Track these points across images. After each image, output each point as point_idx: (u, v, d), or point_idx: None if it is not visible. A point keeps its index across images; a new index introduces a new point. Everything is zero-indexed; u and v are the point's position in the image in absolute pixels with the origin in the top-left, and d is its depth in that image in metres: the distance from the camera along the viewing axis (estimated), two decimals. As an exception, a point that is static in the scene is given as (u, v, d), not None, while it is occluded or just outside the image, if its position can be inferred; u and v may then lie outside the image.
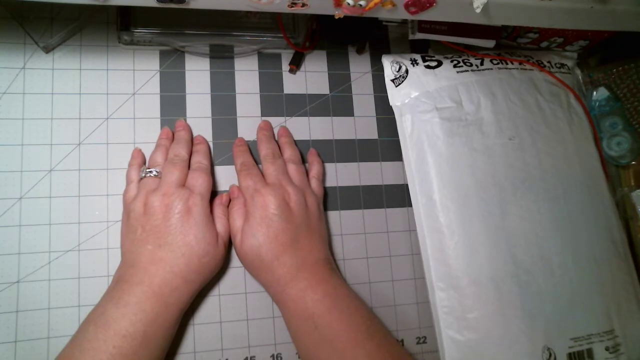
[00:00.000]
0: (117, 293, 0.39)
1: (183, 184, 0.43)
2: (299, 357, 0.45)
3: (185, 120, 0.48)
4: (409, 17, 0.37)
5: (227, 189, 0.47)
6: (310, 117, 0.51)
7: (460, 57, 0.52)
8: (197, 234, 0.41)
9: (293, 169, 0.46)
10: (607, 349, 0.46)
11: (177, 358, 0.43)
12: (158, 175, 0.43)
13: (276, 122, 0.51)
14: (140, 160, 0.46)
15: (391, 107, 0.50)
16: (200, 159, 0.45)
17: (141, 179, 0.43)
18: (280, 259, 0.42)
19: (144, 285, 0.39)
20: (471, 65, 0.51)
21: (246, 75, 0.51)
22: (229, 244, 0.45)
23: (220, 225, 0.43)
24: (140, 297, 0.38)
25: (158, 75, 0.49)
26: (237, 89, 0.50)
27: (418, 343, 0.48)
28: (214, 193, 0.46)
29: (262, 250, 0.41)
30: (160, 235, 0.40)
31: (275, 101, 0.51)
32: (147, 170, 0.43)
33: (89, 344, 0.36)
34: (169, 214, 0.40)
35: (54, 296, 0.42)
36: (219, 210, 0.45)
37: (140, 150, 0.46)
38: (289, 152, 0.47)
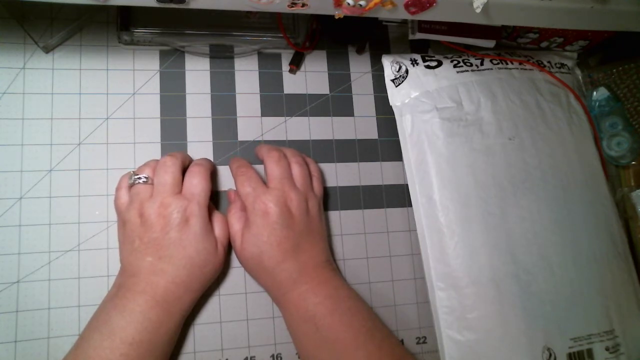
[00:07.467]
0: (120, 301, 0.38)
1: (178, 190, 0.41)
2: (299, 358, 0.45)
3: None
4: (409, 17, 0.37)
5: (226, 189, 0.47)
6: (310, 117, 0.51)
7: (460, 57, 0.52)
8: (197, 245, 0.40)
9: (298, 171, 0.45)
10: (607, 349, 0.46)
11: (177, 358, 0.43)
12: (148, 182, 0.41)
13: (276, 122, 0.50)
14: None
15: (391, 107, 0.50)
16: (200, 162, 0.44)
17: (130, 185, 0.42)
18: (281, 266, 0.41)
19: (147, 294, 0.38)
20: (471, 65, 0.51)
21: (246, 75, 0.51)
22: (229, 246, 0.45)
23: (218, 230, 0.43)
24: (144, 306, 0.38)
25: (158, 75, 0.49)
26: (237, 89, 0.50)
27: (418, 343, 0.48)
28: (214, 193, 0.46)
29: (263, 257, 0.41)
30: (159, 248, 0.39)
31: (275, 101, 0.51)
32: (136, 177, 0.41)
33: (94, 352, 0.36)
34: (167, 227, 0.39)
35: (54, 296, 0.42)
36: (217, 214, 0.44)
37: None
38: (290, 152, 0.47)
